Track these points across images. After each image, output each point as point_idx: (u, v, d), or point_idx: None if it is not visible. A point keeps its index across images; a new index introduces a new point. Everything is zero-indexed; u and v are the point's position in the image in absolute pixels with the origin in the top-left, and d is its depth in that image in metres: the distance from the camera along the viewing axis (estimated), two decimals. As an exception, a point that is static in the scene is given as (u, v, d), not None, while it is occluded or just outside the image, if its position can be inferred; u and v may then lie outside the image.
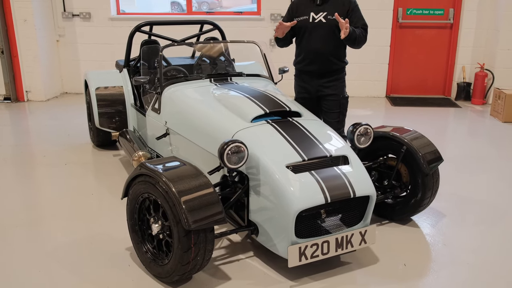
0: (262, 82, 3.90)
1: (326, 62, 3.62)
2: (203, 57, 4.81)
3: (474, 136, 5.68)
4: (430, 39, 7.29)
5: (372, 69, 7.29)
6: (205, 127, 3.09)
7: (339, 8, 3.55)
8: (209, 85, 3.68)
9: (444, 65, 7.39)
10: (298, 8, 3.68)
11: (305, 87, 3.78)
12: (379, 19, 7.02)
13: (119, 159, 4.66)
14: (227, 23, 6.90)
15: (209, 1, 11.06)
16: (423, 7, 7.16)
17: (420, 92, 7.50)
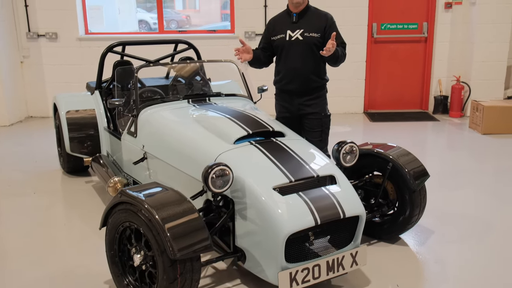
0: (241, 101, 3.90)
1: (306, 80, 3.65)
2: (178, 77, 4.80)
3: (454, 149, 5.80)
4: (405, 54, 7.47)
5: (349, 85, 7.40)
6: (186, 150, 3.06)
7: (315, 24, 3.60)
8: (187, 106, 3.67)
9: (420, 78, 7.57)
10: (275, 27, 3.72)
11: (286, 106, 3.80)
12: (354, 35, 7.16)
13: (92, 186, 4.56)
14: (201, 42, 6.92)
15: (178, 19, 11.11)
16: (397, 22, 7.35)
17: (398, 106, 7.64)
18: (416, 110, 7.63)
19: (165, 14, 8.96)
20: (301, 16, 3.65)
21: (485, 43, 6.89)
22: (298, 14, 3.64)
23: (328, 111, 3.81)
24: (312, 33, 3.58)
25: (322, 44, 3.59)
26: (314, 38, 3.58)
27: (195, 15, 10.97)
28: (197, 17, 11.08)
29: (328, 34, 3.58)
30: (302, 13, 3.66)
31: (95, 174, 4.29)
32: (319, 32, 3.59)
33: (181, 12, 11.51)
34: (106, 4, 8.97)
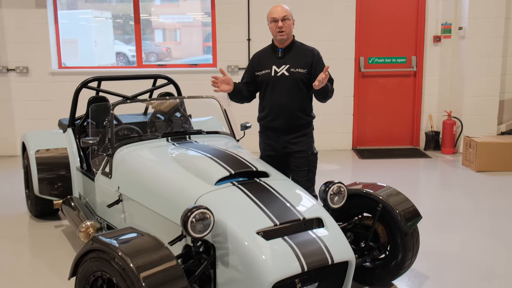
0: (223, 139, 3.93)
1: (292, 117, 3.69)
2: (157, 114, 4.83)
3: (447, 187, 5.86)
4: (394, 88, 7.63)
5: (337, 120, 7.50)
6: (164, 191, 3.05)
7: (301, 60, 3.68)
8: (166, 144, 3.68)
9: (410, 114, 7.70)
10: (260, 62, 3.78)
11: (270, 144, 3.83)
12: (340, 69, 7.31)
13: (62, 231, 4.48)
14: (181, 76, 6.98)
15: (158, 52, 11.22)
16: (385, 56, 7.53)
17: (388, 143, 7.74)
18: (406, 146, 7.74)
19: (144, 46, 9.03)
20: (287, 52, 3.73)
21: (476, 77, 7.08)
22: (283, 49, 3.72)
23: (315, 149, 3.84)
24: (298, 69, 3.65)
25: (308, 80, 3.66)
26: (300, 74, 3.65)
27: (176, 48, 11.09)
28: (178, 49, 11.20)
29: (315, 70, 3.65)
30: (287, 49, 3.73)
31: (66, 218, 4.22)
32: (305, 67, 3.66)
33: (161, 44, 11.62)
34: (81, 36, 9.06)
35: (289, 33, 3.67)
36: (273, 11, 3.68)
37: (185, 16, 9.89)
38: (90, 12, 9.16)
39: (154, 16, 10.14)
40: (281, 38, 3.65)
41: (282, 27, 3.62)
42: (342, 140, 7.59)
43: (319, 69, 3.65)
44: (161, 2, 10.24)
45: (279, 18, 3.63)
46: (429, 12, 7.32)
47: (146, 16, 9.48)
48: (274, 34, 3.68)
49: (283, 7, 3.70)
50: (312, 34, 7.09)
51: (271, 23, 3.68)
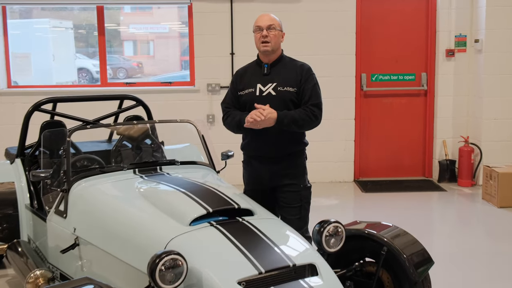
0: (200, 171, 3.93)
1: (280, 144, 3.70)
2: (123, 141, 4.82)
3: (465, 226, 5.87)
4: (401, 109, 7.70)
5: (335, 147, 7.54)
6: (129, 234, 3.03)
7: (290, 77, 3.71)
8: (133, 177, 3.68)
9: (421, 139, 7.77)
10: (243, 80, 3.81)
11: (256, 176, 3.82)
12: (339, 88, 7.39)
13: (6, 282, 4.43)
14: (153, 97, 7.02)
15: (127, 67, 11.26)
16: (391, 72, 7.62)
17: (395, 174, 7.78)
18: (417, 177, 7.78)
19: (111, 61, 9.06)
20: (273, 67, 3.76)
21: (496, 97, 7.15)
22: (270, 65, 3.76)
23: (308, 182, 3.84)
24: (286, 87, 3.68)
25: (298, 99, 3.69)
26: (289, 93, 3.67)
27: (149, 62, 11.15)
28: (151, 64, 11.24)
29: (304, 88, 3.68)
30: (275, 64, 3.77)
31: (11, 266, 4.16)
32: (294, 85, 3.69)
33: (131, 58, 11.66)
34: (36, 50, 9.06)
35: (275, 45, 3.71)
36: (259, 19, 3.75)
37: (160, 26, 9.96)
38: (47, 21, 9.18)
39: (123, 26, 10.20)
40: (264, 50, 3.69)
41: (266, 37, 3.66)
42: (342, 171, 7.62)
43: (307, 88, 3.69)
44: (132, 9, 10.29)
45: (264, 26, 3.69)
46: (440, 22, 7.45)
47: (113, 26, 9.52)
48: (258, 44, 3.73)
49: (271, 16, 3.76)
50: (305, 47, 7.16)
51: (255, 32, 3.73)
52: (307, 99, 3.69)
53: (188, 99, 7.35)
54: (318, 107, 3.72)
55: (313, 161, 4.71)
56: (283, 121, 3.58)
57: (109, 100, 5.04)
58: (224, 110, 3.85)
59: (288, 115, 3.61)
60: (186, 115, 5.21)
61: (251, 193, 3.76)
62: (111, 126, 4.71)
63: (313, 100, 3.70)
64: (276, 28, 3.72)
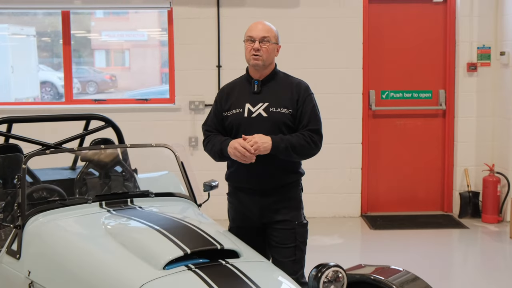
0: (179, 204, 3.94)
1: (272, 174, 3.71)
2: (90, 168, 4.82)
3: (491, 271, 5.83)
4: (416, 132, 7.72)
5: (339, 176, 7.54)
6: (93, 279, 3.01)
7: (285, 96, 3.73)
8: (99, 212, 3.68)
9: (439, 168, 7.78)
10: (229, 98, 3.82)
11: (243, 211, 3.82)
12: (343, 107, 7.43)
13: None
14: (126, 116, 7.03)
15: (98, 81, 11.27)
16: (404, 89, 7.66)
17: (409, 207, 7.77)
18: (435, 212, 7.77)
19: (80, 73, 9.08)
20: (265, 85, 3.78)
21: (526, 118, 7.19)
22: (261, 81, 3.78)
23: (305, 218, 3.85)
24: (280, 108, 3.70)
25: (292, 122, 3.70)
26: (283, 115, 3.68)
27: (124, 75, 11.17)
28: (126, 77, 11.26)
29: (301, 111, 3.70)
30: (267, 81, 3.79)
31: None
32: (289, 106, 3.70)
33: (103, 70, 11.66)
34: (-9, 60, 9.09)
35: (268, 59, 3.73)
36: (252, 27, 3.77)
37: (137, 32, 10.01)
38: (6, 27, 9.19)
39: (95, 33, 10.23)
40: (255, 63, 3.71)
41: (258, 50, 3.69)
42: (347, 204, 7.61)
43: (305, 110, 3.70)
44: (104, 14, 10.34)
45: (256, 37, 3.71)
46: (460, 31, 7.50)
47: (82, 33, 9.55)
48: (248, 57, 3.75)
49: (266, 25, 3.78)
50: (303, 60, 7.23)
51: (246, 42, 3.76)
52: (305, 123, 3.70)
53: (167, 119, 7.36)
54: (318, 133, 3.73)
55: (312, 192, 4.72)
56: (279, 147, 3.58)
57: (73, 120, 5.06)
58: (205, 134, 3.87)
59: (284, 139, 3.61)
60: (165, 138, 5.20)
61: (237, 231, 3.76)
62: (75, 150, 4.70)
63: (312, 125, 3.71)
64: (271, 40, 3.74)
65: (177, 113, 7.41)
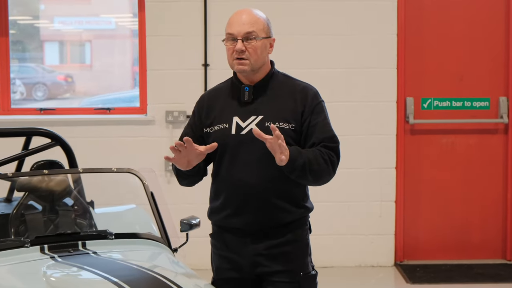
0: (147, 249, 3.97)
1: (267, 209, 3.71)
2: (30, 201, 4.85)
3: None
4: (469, 153, 7.73)
5: (366, 212, 7.56)
6: None
7: (285, 106, 3.74)
8: (41, 258, 3.71)
9: (499, 201, 7.79)
10: (211, 110, 3.83)
11: (230, 258, 3.82)
12: (372, 120, 7.47)
13: None
14: (82, 131, 7.07)
15: (49, 83, 11.26)
16: (452, 96, 7.67)
17: (460, 255, 7.76)
18: (494, 261, 7.77)
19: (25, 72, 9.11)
20: (259, 92, 3.78)
21: None
22: (253, 87, 3.78)
23: (313, 268, 3.86)
24: (279, 122, 3.69)
25: (296, 141, 3.71)
26: (282, 132, 3.61)
27: (84, 75, 11.24)
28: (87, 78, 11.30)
29: (309, 125, 3.70)
30: (261, 86, 3.79)
31: None
32: (291, 120, 3.71)
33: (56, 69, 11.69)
34: None
35: (257, 61, 3.72)
36: (232, 21, 3.76)
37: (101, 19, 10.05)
38: None
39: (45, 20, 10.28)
40: (240, 69, 3.70)
41: (242, 52, 3.71)
42: (376, 249, 7.62)
43: (315, 123, 3.69)
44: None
45: (238, 34, 3.69)
46: (528, 22, 7.54)
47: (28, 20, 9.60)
48: (230, 62, 3.75)
49: (251, 15, 3.75)
50: (316, 57, 7.27)
51: (226, 41, 3.76)
52: (316, 141, 3.68)
53: (136, 134, 7.39)
54: (336, 152, 3.71)
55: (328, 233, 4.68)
56: (296, 161, 3.53)
57: (8, 136, 5.09)
58: None
59: (302, 153, 3.58)
60: (134, 161, 5.22)
61: (223, 285, 3.79)
62: (8, 177, 4.72)
63: (327, 141, 3.69)
64: (259, 36, 3.71)
65: (150, 127, 7.42)
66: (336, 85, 7.24)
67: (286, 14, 7.05)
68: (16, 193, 5.13)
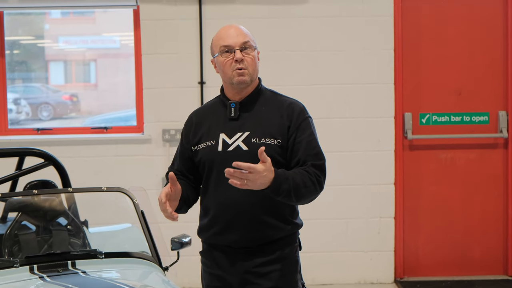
0: (137, 268, 3.98)
1: (255, 226, 3.72)
2: (24, 221, 4.86)
3: None
4: (468, 169, 7.71)
5: (364, 229, 7.54)
6: None
7: (271, 122, 3.75)
8: (29, 279, 3.73)
9: (499, 217, 7.76)
10: (199, 128, 3.87)
11: (220, 276, 3.83)
12: (370, 135, 7.47)
13: None
14: (79, 150, 7.09)
15: (54, 103, 11.25)
16: (451, 110, 7.66)
17: (460, 271, 7.74)
18: (495, 276, 7.74)
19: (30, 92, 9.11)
20: (246, 108, 3.80)
21: None
22: (240, 103, 3.80)
23: (303, 286, 3.87)
24: (265, 138, 3.71)
25: (283, 156, 3.73)
26: (269, 148, 3.64)
27: (89, 94, 11.23)
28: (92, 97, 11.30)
29: (294, 141, 3.71)
30: (248, 102, 3.81)
31: None
32: (278, 135, 3.72)
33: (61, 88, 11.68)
34: None
35: (254, 71, 3.76)
36: (224, 34, 3.77)
37: (105, 38, 10.06)
38: None
39: (49, 40, 10.29)
40: (241, 80, 3.71)
41: (242, 61, 3.71)
42: (376, 266, 7.60)
43: (301, 139, 3.70)
44: (63, 14, 10.36)
45: (235, 45, 3.71)
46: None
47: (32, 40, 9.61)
48: (230, 74, 3.75)
49: (239, 27, 3.79)
50: (313, 72, 7.26)
51: (221, 55, 3.76)
52: (302, 157, 3.69)
53: (133, 153, 7.41)
54: (322, 170, 3.73)
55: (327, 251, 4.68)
56: (280, 187, 3.55)
57: (1, 157, 5.10)
58: (167, 179, 3.91)
59: (289, 178, 3.58)
60: (131, 180, 5.24)
61: (214, 303, 3.81)
62: (4, 198, 4.73)
63: (313, 159, 3.71)
64: (252, 45, 3.77)
65: (147, 146, 7.45)
66: (334, 101, 7.24)
67: (283, 31, 7.09)
68: (11, 213, 5.15)
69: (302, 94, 6.24)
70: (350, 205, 7.20)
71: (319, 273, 5.03)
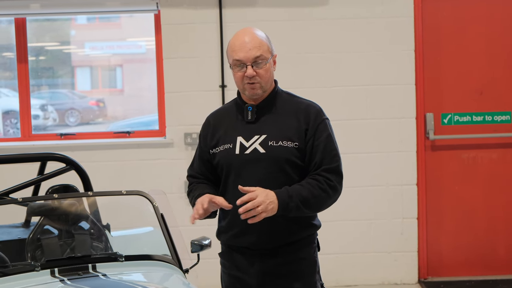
0: (158, 270, 3.98)
1: (272, 228, 3.72)
2: (45, 225, 4.88)
3: None
4: (491, 169, 7.68)
5: (387, 230, 7.52)
6: None
7: (288, 125, 3.76)
8: (51, 282, 3.73)
9: (524, 216, 7.72)
10: (216, 131, 3.88)
11: (239, 277, 3.85)
12: (391, 136, 7.46)
13: None
14: (102, 155, 7.11)
15: (81, 109, 11.26)
16: (473, 111, 7.63)
17: (484, 271, 7.70)
18: (521, 276, 7.70)
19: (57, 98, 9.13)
20: (263, 111, 3.80)
21: None
22: (257, 106, 3.81)
23: (322, 286, 3.88)
24: (282, 141, 3.72)
25: (300, 159, 3.74)
26: (286, 150, 3.69)
27: (116, 100, 11.25)
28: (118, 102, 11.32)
29: (312, 144, 3.72)
30: (264, 105, 3.82)
31: None
32: (295, 138, 3.73)
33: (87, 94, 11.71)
34: None
35: (268, 82, 3.77)
36: (236, 46, 3.74)
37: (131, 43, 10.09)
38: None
39: (76, 45, 10.32)
40: (253, 94, 3.74)
41: (254, 78, 3.72)
42: (399, 267, 7.57)
43: (318, 142, 3.71)
44: (89, 20, 10.41)
45: (247, 61, 3.70)
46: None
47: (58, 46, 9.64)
48: (241, 86, 3.78)
49: (254, 35, 3.76)
50: (334, 74, 7.26)
51: (234, 67, 3.77)
52: (318, 161, 3.71)
53: (156, 157, 7.42)
54: (337, 173, 3.73)
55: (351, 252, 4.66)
56: (288, 206, 3.59)
57: (23, 162, 5.12)
58: (189, 181, 3.93)
59: (293, 195, 3.60)
60: (153, 183, 5.22)
61: (233, 305, 3.82)
62: (24, 202, 4.74)
63: (328, 162, 3.72)
64: (266, 58, 3.74)
65: (169, 150, 7.46)
66: (355, 102, 7.23)
67: (303, 33, 7.09)
68: (34, 218, 5.17)
69: (323, 96, 6.25)
70: (373, 206, 7.17)
71: (343, 274, 5.00)
